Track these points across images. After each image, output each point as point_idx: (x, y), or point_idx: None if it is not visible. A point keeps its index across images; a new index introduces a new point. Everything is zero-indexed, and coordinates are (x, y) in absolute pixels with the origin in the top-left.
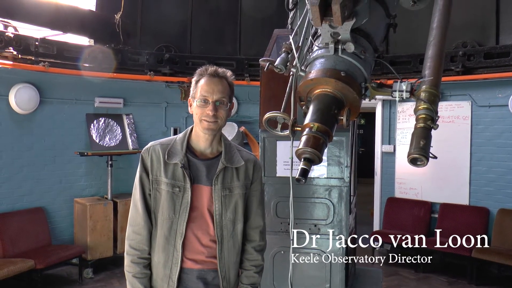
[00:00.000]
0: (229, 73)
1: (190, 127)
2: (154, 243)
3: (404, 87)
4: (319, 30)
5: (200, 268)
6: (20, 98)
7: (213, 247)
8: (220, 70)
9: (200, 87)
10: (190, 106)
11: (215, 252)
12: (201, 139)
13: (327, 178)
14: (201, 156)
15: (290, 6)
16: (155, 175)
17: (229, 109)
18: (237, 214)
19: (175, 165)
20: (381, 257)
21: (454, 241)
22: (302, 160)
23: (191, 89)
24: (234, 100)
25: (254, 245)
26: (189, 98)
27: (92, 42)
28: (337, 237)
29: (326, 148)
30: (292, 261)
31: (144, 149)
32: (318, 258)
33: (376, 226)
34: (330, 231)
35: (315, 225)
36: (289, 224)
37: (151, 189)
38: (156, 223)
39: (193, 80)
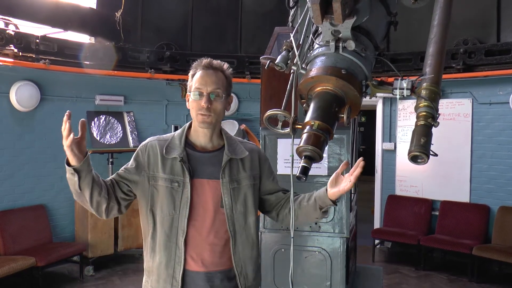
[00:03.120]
0: (225, 65)
1: (189, 122)
2: (154, 243)
3: (404, 85)
4: (319, 28)
5: (206, 271)
6: (21, 96)
7: (219, 245)
8: (215, 62)
9: (194, 80)
10: (188, 101)
11: (222, 249)
12: (200, 134)
13: (327, 175)
14: (202, 150)
15: (291, 4)
16: (152, 171)
17: (227, 102)
18: (248, 207)
19: (173, 159)
20: (382, 255)
21: (455, 238)
22: (303, 157)
23: (188, 83)
24: (235, 98)
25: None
26: (187, 93)
27: (92, 39)
28: (337, 235)
29: (327, 146)
30: (293, 259)
31: (141, 144)
32: (318, 255)
33: (377, 224)
34: (331, 228)
35: (316, 223)
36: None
37: (148, 186)
38: (155, 222)
39: (190, 75)
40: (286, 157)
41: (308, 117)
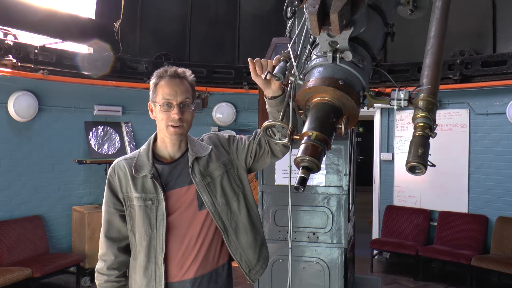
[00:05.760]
0: (188, 72)
1: (153, 134)
2: (135, 263)
3: (402, 96)
4: (317, 39)
5: (193, 277)
6: (19, 106)
7: (204, 247)
8: (180, 70)
9: (161, 90)
10: (152, 111)
11: (214, 249)
12: (168, 145)
13: (325, 186)
14: (171, 160)
15: (289, 14)
16: (125, 192)
17: (193, 110)
18: (228, 196)
19: (144, 177)
20: (380, 265)
21: (453, 249)
22: (301, 168)
23: (150, 92)
24: (233, 108)
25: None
26: (149, 103)
27: (91, 50)
28: (336, 245)
29: (325, 157)
30: (291, 270)
31: (110, 169)
32: (317, 266)
33: (375, 234)
34: (329, 239)
35: (314, 234)
36: (287, 232)
37: (125, 208)
38: (136, 242)
39: (151, 83)
40: (284, 167)
41: (305, 128)
